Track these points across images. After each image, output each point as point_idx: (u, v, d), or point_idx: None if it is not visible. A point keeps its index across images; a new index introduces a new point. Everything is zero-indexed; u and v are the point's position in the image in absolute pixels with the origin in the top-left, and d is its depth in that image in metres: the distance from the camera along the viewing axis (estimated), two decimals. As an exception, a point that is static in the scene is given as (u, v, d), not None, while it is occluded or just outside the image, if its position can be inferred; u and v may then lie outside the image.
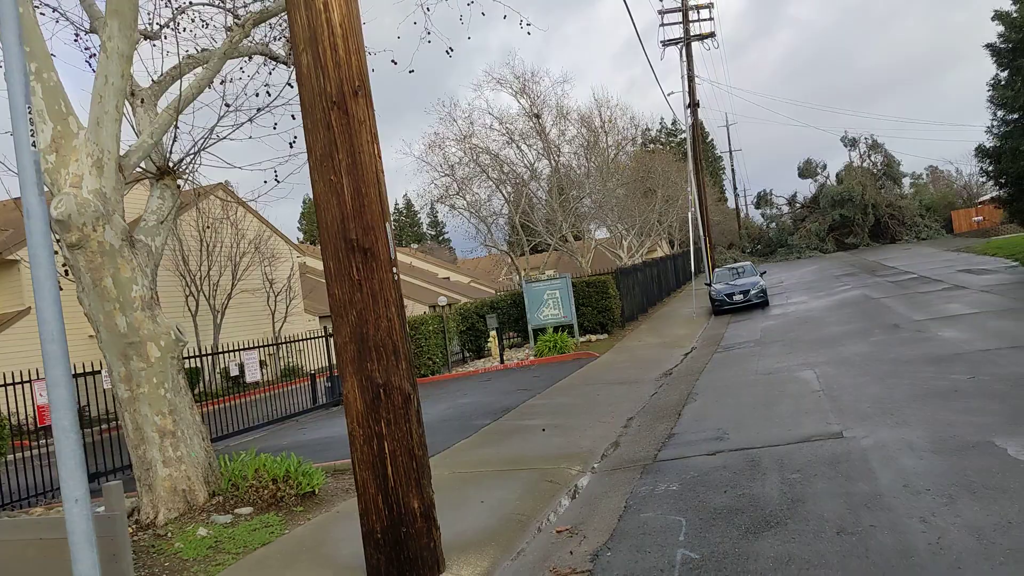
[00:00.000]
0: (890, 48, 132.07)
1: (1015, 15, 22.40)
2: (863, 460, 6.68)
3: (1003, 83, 23.61)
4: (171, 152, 8.21)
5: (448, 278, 66.68)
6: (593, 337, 22.70)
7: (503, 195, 38.48)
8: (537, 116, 37.70)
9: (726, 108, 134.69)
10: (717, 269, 30.28)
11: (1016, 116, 23.55)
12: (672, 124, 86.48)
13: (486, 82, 50.89)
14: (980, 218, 49.85)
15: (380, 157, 5.30)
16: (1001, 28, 23.24)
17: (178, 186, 8.21)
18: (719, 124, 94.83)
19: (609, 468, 8.25)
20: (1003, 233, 41.76)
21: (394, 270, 5.31)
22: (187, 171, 8.12)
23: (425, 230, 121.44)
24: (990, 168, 25.04)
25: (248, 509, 7.30)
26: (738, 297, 25.48)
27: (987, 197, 54.88)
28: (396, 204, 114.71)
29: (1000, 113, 24.74)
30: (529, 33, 38.46)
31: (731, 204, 75.72)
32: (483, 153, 37.15)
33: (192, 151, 8.13)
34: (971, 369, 9.63)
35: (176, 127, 7.98)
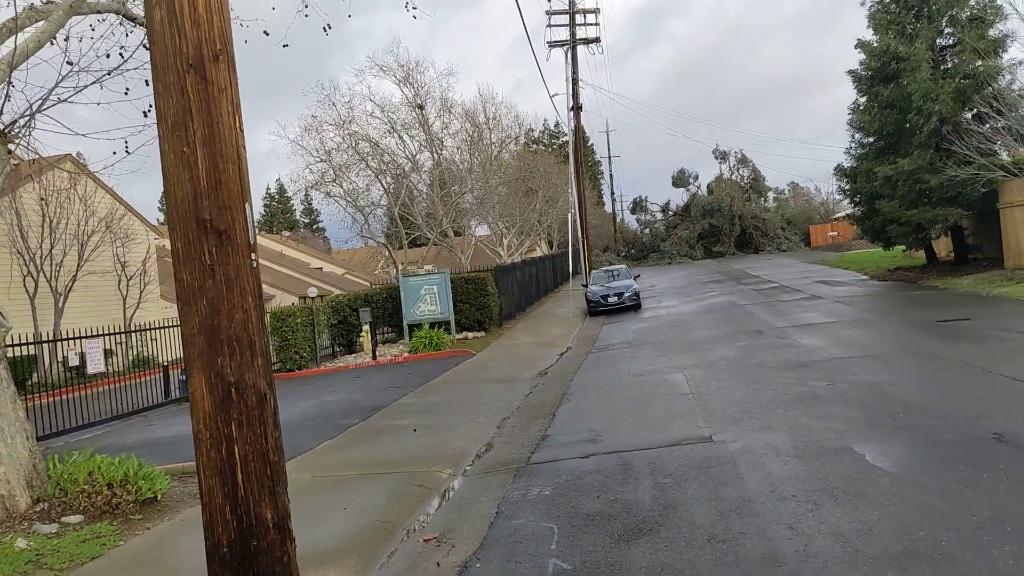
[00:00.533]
0: (760, 69, 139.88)
1: (875, 44, 23.99)
2: (732, 465, 6.74)
3: (861, 108, 25.26)
4: (1, 112, 7.24)
5: (321, 268, 64.65)
6: (470, 335, 22.48)
7: (382, 185, 37.67)
8: (420, 107, 37.09)
9: (607, 115, 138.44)
10: (593, 271, 30.84)
11: (872, 140, 25.26)
12: (555, 126, 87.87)
13: (369, 68, 49.69)
14: (835, 233, 53.53)
15: (242, 130, 4.76)
16: (863, 56, 24.85)
17: (9, 151, 7.24)
18: (600, 130, 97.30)
19: (481, 471, 7.99)
20: (854, 248, 44.98)
21: (252, 256, 4.79)
22: (20, 134, 7.17)
23: (299, 217, 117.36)
24: (847, 187, 26.75)
25: (78, 517, 6.52)
26: (612, 299, 25.99)
27: (841, 214, 59.06)
28: (268, 189, 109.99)
29: (857, 136, 26.49)
30: (415, 17, 37.63)
31: (608, 208, 77.83)
32: (363, 141, 36.22)
33: (27, 112, 7.19)
34: (829, 376, 10.07)
35: (9, 84, 7.04)
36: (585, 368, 14.51)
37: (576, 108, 36.44)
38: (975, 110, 22.32)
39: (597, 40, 36.90)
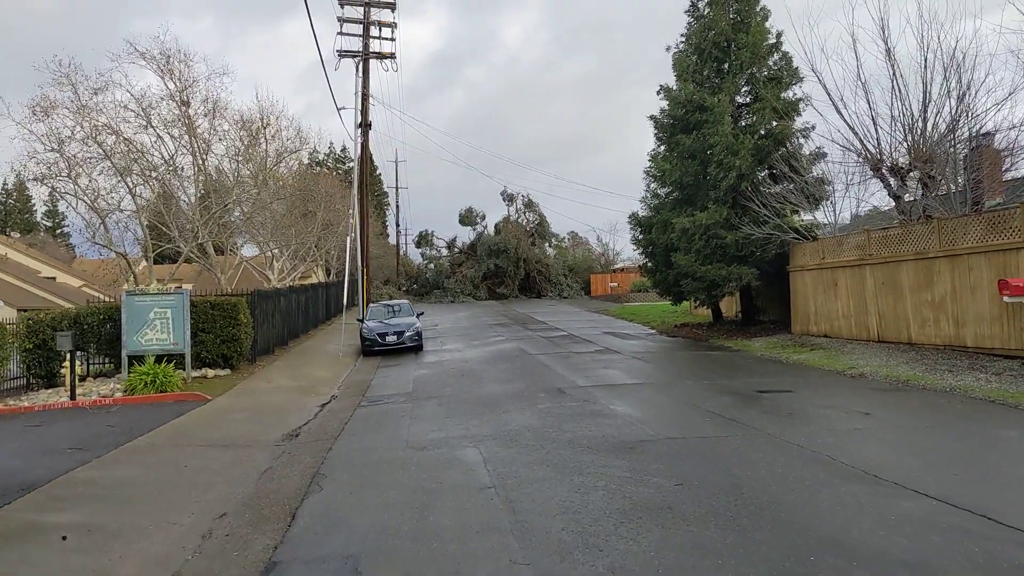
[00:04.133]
0: (546, 125, 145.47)
1: (679, 92, 23.38)
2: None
3: (662, 156, 24.56)
4: None
5: (55, 279, 55.37)
6: (211, 372, 18.14)
7: (128, 187, 31.67)
8: (185, 104, 31.84)
9: (397, 145, 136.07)
10: (371, 305, 27.43)
11: (670, 189, 24.57)
12: (342, 151, 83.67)
13: (127, 54, 42.86)
14: (615, 284, 54.51)
15: None
16: (666, 103, 24.20)
17: None
18: (389, 159, 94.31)
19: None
20: (633, 300, 45.61)
21: None
22: None
23: (40, 219, 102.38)
24: (640, 237, 25.91)
25: None
26: (391, 338, 22.82)
27: (620, 265, 60.69)
28: (4, 183, 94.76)
29: (653, 185, 25.82)
30: None
31: (392, 240, 74.70)
32: (109, 133, 30.19)
33: None
34: (669, 468, 7.65)
35: None
36: (351, 431, 11.16)
37: (365, 125, 33.13)
38: (772, 169, 22.24)
39: (392, 56, 33.98)
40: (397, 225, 75.00)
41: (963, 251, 15.00)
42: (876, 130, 20.19)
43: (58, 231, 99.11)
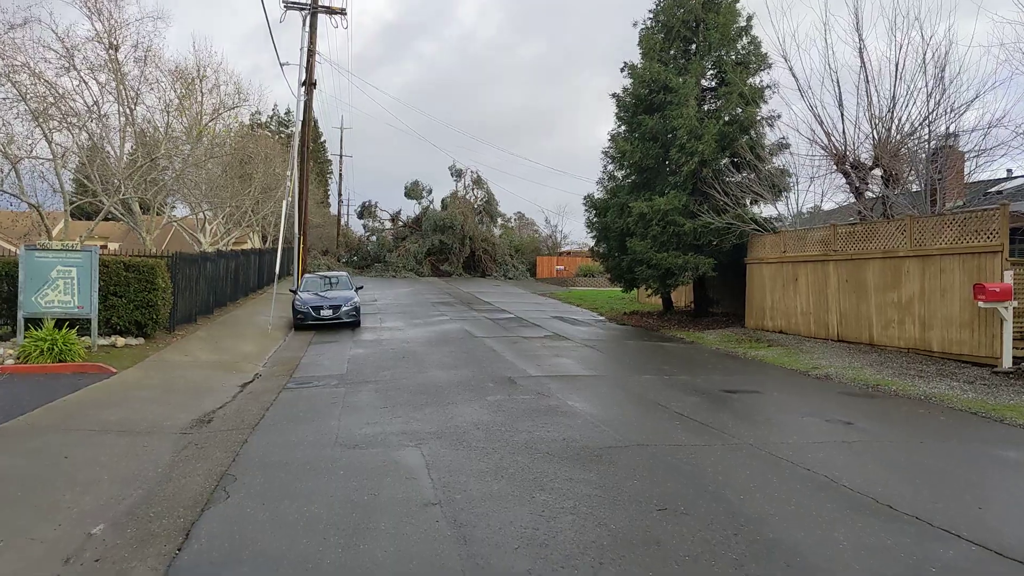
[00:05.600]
0: (497, 104, 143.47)
1: (644, 70, 22.30)
2: None
3: (622, 136, 23.48)
4: None
5: (-36, 230, 51.58)
6: (122, 341, 16.34)
7: (44, 133, 28.99)
8: (114, 48, 29.26)
9: (344, 112, 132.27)
10: (307, 275, 25.73)
11: (628, 172, 23.54)
12: (286, 114, 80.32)
13: (51, -11, 39.67)
14: (562, 267, 53.58)
15: None
16: (630, 81, 23.10)
17: None
18: (335, 126, 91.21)
19: None
20: (579, 285, 44.76)
21: None
22: None
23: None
24: (595, 220, 24.85)
25: None
26: (327, 312, 21.28)
27: (567, 249, 59.83)
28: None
29: (611, 167, 24.76)
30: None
31: (334, 211, 72.22)
32: (27, 73, 27.48)
33: None
34: (649, 487, 6.52)
35: None
36: (272, 419, 9.74)
37: (309, 83, 31.11)
38: (736, 157, 21.40)
39: (343, 12, 31.99)
40: (340, 195, 72.66)
41: (935, 252, 14.35)
42: (843, 123, 19.55)
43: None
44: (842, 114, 19.56)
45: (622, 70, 23.27)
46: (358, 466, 7.31)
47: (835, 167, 20.22)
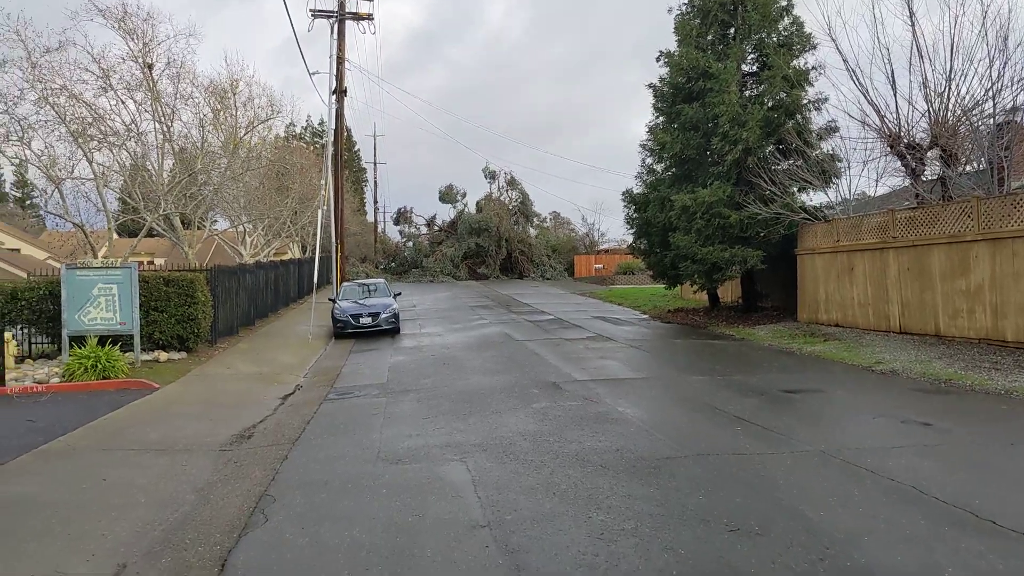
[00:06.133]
0: (527, 105, 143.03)
1: (681, 58, 21.61)
2: None
3: (661, 127, 22.81)
4: None
5: (18, 250, 52.96)
6: (165, 355, 16.26)
7: (85, 153, 29.32)
8: (149, 66, 29.50)
9: (376, 119, 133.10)
10: (345, 283, 25.52)
11: (668, 165, 22.85)
12: (319, 124, 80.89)
13: (86, 11, 40.16)
14: (600, 266, 52.84)
15: None
16: (666, 70, 22.44)
17: None
18: (367, 134, 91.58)
19: None
20: (619, 283, 44.02)
21: None
22: None
23: (8, 190, 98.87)
24: (635, 215, 24.21)
25: None
26: (366, 320, 21.03)
27: (605, 247, 59.06)
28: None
29: (649, 160, 24.10)
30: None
31: (371, 218, 72.49)
32: (65, 96, 27.80)
33: None
34: (715, 503, 5.97)
35: None
36: (312, 433, 9.41)
37: (340, 91, 30.99)
38: (781, 144, 20.61)
39: (369, 17, 31.73)
40: (375, 202, 72.89)
41: (1006, 234, 13.46)
42: (895, 101, 18.64)
43: (27, 202, 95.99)
44: (895, 92, 18.65)
45: (658, 59, 22.63)
46: (401, 483, 6.91)
47: (889, 149, 19.32)
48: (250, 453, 8.60)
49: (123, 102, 28.56)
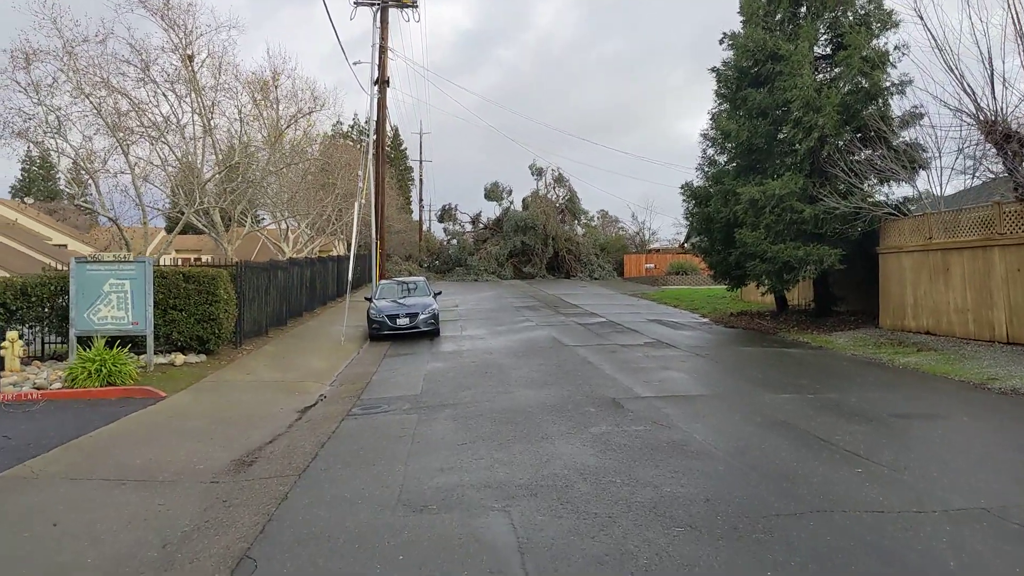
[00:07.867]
0: (576, 104, 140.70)
1: (746, 40, 19.59)
2: None
3: (725, 115, 20.81)
4: None
5: (65, 246, 53.22)
6: (182, 358, 14.95)
7: (121, 145, 28.45)
8: (190, 58, 28.51)
9: (422, 115, 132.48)
10: (383, 281, 24.05)
11: (731, 156, 20.86)
12: (366, 122, 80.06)
13: (127, 2, 39.55)
14: (651, 265, 50.66)
15: None
16: (730, 54, 20.45)
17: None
18: (413, 131, 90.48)
19: None
20: (671, 283, 41.90)
21: None
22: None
23: (63, 187, 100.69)
24: (695, 209, 22.24)
25: None
26: (403, 321, 19.51)
27: (656, 246, 56.86)
28: (28, 151, 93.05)
29: (711, 151, 22.15)
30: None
31: (416, 216, 71.31)
32: (102, 87, 26.91)
33: None
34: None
35: None
36: (325, 461, 7.81)
37: (382, 81, 29.61)
38: (860, 132, 18.47)
39: (414, 5, 30.32)
40: (420, 199, 71.65)
41: None
42: (992, 84, 16.38)
43: (78, 200, 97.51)
44: (991, 74, 16.41)
45: (721, 41, 20.65)
46: (424, 543, 5.25)
47: (984, 137, 17.07)
48: (245, 488, 7.04)
49: (164, 95, 27.53)
